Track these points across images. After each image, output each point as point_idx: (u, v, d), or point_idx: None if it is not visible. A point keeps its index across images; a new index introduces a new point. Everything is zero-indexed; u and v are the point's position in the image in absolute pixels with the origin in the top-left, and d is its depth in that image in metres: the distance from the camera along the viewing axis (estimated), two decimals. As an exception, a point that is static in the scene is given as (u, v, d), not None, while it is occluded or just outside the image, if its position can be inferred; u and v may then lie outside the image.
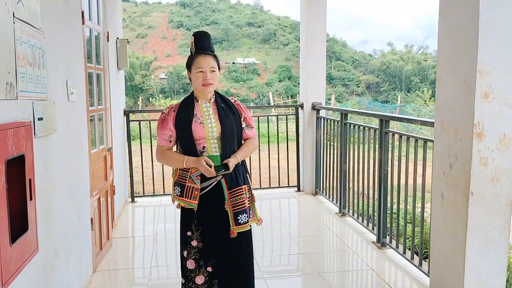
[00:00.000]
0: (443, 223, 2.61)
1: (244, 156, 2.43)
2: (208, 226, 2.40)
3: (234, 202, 2.36)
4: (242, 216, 2.35)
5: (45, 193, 2.23)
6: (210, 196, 2.38)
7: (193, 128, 2.35)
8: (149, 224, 4.67)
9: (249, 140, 2.50)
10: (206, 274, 2.42)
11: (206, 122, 2.37)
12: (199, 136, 2.35)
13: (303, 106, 5.51)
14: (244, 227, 2.37)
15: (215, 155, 2.36)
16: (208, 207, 2.39)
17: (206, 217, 2.40)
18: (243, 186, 2.39)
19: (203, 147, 2.37)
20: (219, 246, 2.40)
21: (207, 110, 2.41)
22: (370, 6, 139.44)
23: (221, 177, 2.35)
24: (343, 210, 4.68)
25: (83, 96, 3.14)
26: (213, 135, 2.36)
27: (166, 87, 54.09)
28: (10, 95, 1.74)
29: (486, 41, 2.25)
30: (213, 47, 2.45)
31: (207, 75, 2.34)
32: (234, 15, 74.21)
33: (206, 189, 2.38)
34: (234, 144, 2.41)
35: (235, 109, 2.46)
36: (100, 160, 3.69)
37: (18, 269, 1.78)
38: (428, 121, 3.15)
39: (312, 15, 5.34)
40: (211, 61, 2.36)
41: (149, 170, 5.89)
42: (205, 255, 2.41)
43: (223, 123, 2.36)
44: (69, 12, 2.84)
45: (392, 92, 53.04)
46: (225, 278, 2.42)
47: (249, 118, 2.50)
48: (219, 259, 2.41)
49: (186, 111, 2.40)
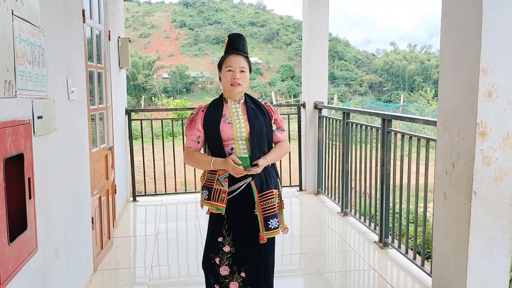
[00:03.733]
0: (445, 223, 2.59)
1: (274, 159, 2.35)
2: (239, 231, 2.33)
3: (264, 206, 2.27)
4: (272, 221, 2.26)
5: (45, 192, 2.22)
6: (239, 200, 2.29)
7: (221, 128, 2.29)
8: (151, 223, 4.66)
9: (281, 143, 2.42)
10: (240, 280, 2.35)
11: (234, 122, 2.31)
12: (227, 136, 2.29)
13: (305, 105, 5.49)
14: (274, 232, 2.28)
15: (244, 156, 2.29)
16: (238, 211, 2.30)
17: (236, 222, 2.33)
18: (274, 191, 2.31)
19: (232, 148, 2.30)
20: (252, 251, 2.32)
21: (236, 110, 2.35)
22: (373, 5, 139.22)
23: (250, 180, 2.27)
24: (345, 210, 4.66)
25: (84, 95, 3.13)
26: (242, 136, 2.29)
27: (168, 86, 54.20)
28: (9, 93, 1.73)
29: (489, 40, 2.23)
30: (247, 49, 2.41)
31: (236, 74, 2.30)
32: (237, 14, 74.28)
33: (235, 192, 2.29)
34: (264, 146, 2.33)
35: (266, 111, 2.39)
36: (101, 159, 3.68)
37: (16, 268, 1.77)
38: (431, 120, 3.13)
39: (314, 15, 5.32)
40: (242, 61, 2.32)
41: (150, 170, 5.89)
42: (238, 261, 2.34)
43: (252, 123, 2.29)
44: (70, 10, 2.83)
45: (395, 92, 52.96)
46: (258, 284, 2.35)
47: (280, 121, 2.42)
48: (252, 264, 2.33)
49: (215, 111, 2.34)
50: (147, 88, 48.09)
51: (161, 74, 55.76)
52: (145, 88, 48.08)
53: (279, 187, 2.40)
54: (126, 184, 5.31)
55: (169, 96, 40.96)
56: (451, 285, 2.55)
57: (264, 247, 2.34)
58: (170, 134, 9.45)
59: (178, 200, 5.45)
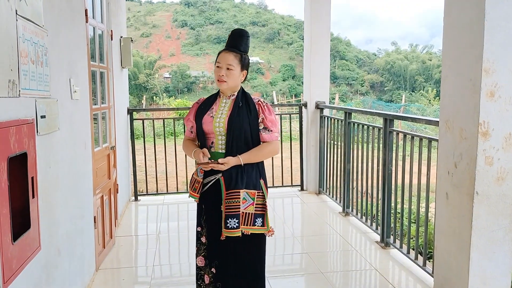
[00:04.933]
0: (447, 223, 2.59)
1: (250, 159, 2.31)
2: (212, 224, 2.37)
3: (228, 204, 2.27)
4: (231, 220, 2.24)
5: (48, 191, 2.23)
6: (212, 193, 2.35)
7: (203, 120, 2.36)
8: (152, 222, 4.67)
9: (264, 144, 2.36)
10: (211, 275, 2.39)
11: (216, 116, 2.36)
12: (207, 129, 2.36)
13: (307, 105, 5.49)
14: (233, 232, 2.25)
15: (221, 152, 2.33)
16: (211, 204, 2.37)
17: (210, 215, 2.38)
18: (242, 190, 2.28)
19: (212, 142, 2.36)
20: (221, 247, 2.33)
21: (224, 106, 2.39)
22: (375, 5, 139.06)
23: (220, 175, 2.31)
24: (346, 210, 4.66)
25: (86, 94, 3.14)
26: (220, 131, 2.33)
27: (170, 86, 54.21)
28: (13, 93, 1.74)
29: (491, 39, 2.23)
30: (244, 44, 2.39)
31: (222, 71, 2.32)
32: (238, 14, 74.26)
33: (207, 185, 2.36)
34: (242, 144, 2.31)
35: (253, 109, 2.36)
36: (103, 158, 3.69)
37: (20, 267, 1.78)
38: (433, 120, 3.12)
39: (316, 14, 5.32)
40: (230, 58, 2.32)
41: (152, 169, 5.89)
42: (210, 254, 2.38)
43: (231, 120, 2.30)
44: (72, 10, 2.84)
45: (397, 92, 52.90)
46: (229, 282, 2.35)
47: (269, 121, 2.36)
48: (222, 261, 2.35)
49: (207, 104, 2.43)
50: (149, 88, 48.14)
51: (163, 73, 55.78)
52: (147, 88, 48.12)
53: (263, 188, 2.37)
54: (128, 183, 5.32)
55: (170, 96, 41.01)
56: (453, 285, 2.55)
57: (236, 246, 2.31)
58: (172, 134, 9.45)
59: (179, 200, 5.45)
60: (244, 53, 2.38)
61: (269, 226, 2.35)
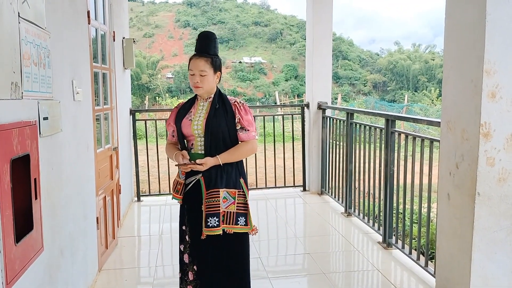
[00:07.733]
0: (449, 223, 2.59)
1: (227, 159, 2.36)
2: (193, 224, 2.42)
3: (208, 203, 2.32)
4: (212, 219, 2.29)
5: (51, 192, 2.24)
6: (193, 194, 2.40)
7: (182, 124, 2.43)
8: (155, 223, 4.68)
9: (241, 144, 2.42)
10: (194, 272, 2.45)
11: (194, 119, 2.42)
12: (186, 132, 2.42)
13: (309, 105, 5.50)
14: (214, 230, 2.29)
15: (200, 153, 2.39)
16: (193, 204, 2.41)
17: (193, 216, 2.43)
18: (221, 190, 2.33)
19: (192, 144, 2.43)
20: (203, 246, 2.39)
21: (202, 108, 2.45)
22: (377, 5, 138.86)
23: (200, 176, 2.36)
24: (348, 210, 4.66)
25: (89, 96, 3.15)
26: (199, 133, 2.39)
27: (172, 86, 54.23)
28: (15, 95, 1.75)
29: (493, 40, 2.23)
30: (213, 47, 2.42)
31: (196, 78, 2.38)
32: (241, 14, 74.21)
33: (188, 186, 2.41)
34: (220, 144, 2.37)
35: (230, 110, 2.41)
36: (106, 159, 3.71)
37: (23, 268, 1.79)
38: (435, 120, 3.12)
39: (318, 14, 5.32)
40: (201, 64, 2.37)
41: (155, 170, 5.90)
42: (192, 253, 2.45)
43: (208, 122, 2.36)
44: (75, 11, 2.85)
45: (399, 91, 52.73)
46: (209, 281, 2.41)
47: (246, 120, 2.41)
48: (201, 260, 2.42)
49: (186, 108, 2.49)
50: (151, 88, 48.15)
51: (165, 74, 55.80)
52: (149, 88, 48.14)
53: (243, 187, 2.41)
54: (130, 184, 5.33)
55: (173, 96, 41.00)
56: (455, 285, 2.55)
57: (218, 245, 2.37)
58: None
59: (182, 200, 5.45)
60: (215, 56, 2.42)
61: (253, 225, 2.41)
